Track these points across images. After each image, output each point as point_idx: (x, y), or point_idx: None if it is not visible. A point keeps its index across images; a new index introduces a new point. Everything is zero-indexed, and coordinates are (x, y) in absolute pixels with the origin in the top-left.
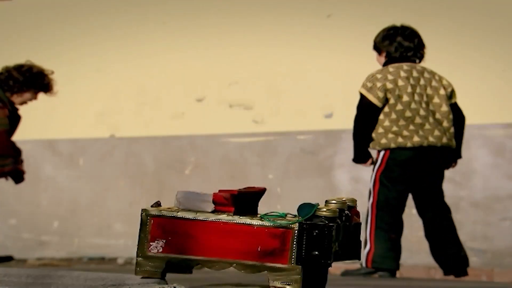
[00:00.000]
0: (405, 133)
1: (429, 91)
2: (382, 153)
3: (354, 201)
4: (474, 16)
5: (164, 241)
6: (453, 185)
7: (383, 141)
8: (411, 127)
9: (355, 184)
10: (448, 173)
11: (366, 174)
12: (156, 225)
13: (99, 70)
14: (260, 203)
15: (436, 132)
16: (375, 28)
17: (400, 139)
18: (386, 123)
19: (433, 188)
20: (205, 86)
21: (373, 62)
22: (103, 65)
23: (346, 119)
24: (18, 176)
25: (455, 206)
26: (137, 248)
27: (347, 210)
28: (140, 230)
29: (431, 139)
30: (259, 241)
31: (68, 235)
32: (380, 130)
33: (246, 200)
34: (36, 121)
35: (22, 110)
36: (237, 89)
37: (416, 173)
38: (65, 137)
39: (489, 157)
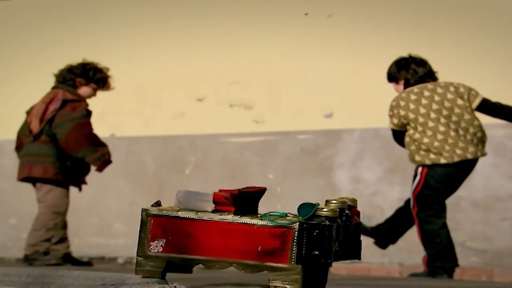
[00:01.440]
0: (439, 149)
1: (446, 104)
2: (420, 169)
3: (354, 200)
4: (474, 16)
5: (164, 240)
6: None
7: (417, 158)
8: (446, 143)
9: (355, 184)
10: None
11: (366, 174)
12: (156, 224)
13: None
14: (260, 203)
15: (466, 145)
16: (375, 28)
17: (432, 156)
18: (425, 140)
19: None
20: (205, 86)
21: (373, 62)
22: (103, 65)
23: (346, 119)
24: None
25: (456, 206)
26: (137, 248)
27: (348, 210)
28: (140, 229)
29: (459, 151)
30: (259, 241)
31: (68, 234)
32: (412, 147)
33: (246, 200)
34: None
35: (21, 108)
36: (238, 89)
37: (450, 186)
38: None
39: (489, 157)
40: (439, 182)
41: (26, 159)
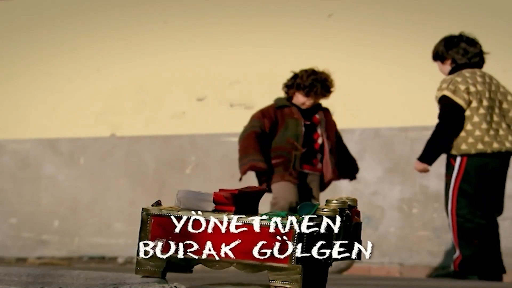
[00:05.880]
0: (486, 138)
1: (499, 96)
2: (459, 159)
3: (354, 200)
4: (474, 16)
5: (164, 240)
6: None
7: (463, 147)
8: (491, 132)
9: (355, 184)
10: None
11: (366, 174)
12: (156, 224)
13: (99, 69)
14: (260, 203)
15: (510, 137)
16: (375, 28)
17: (480, 145)
18: (468, 127)
19: (500, 192)
20: (206, 85)
21: (373, 62)
22: (103, 65)
23: (346, 119)
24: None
25: None
26: (138, 247)
27: (348, 210)
28: (140, 229)
29: (507, 144)
30: (259, 241)
31: (68, 234)
32: (462, 134)
33: (246, 200)
34: (36, 120)
35: (21, 108)
36: (238, 88)
37: (493, 178)
38: (66, 136)
39: None
40: (480, 174)
41: None
